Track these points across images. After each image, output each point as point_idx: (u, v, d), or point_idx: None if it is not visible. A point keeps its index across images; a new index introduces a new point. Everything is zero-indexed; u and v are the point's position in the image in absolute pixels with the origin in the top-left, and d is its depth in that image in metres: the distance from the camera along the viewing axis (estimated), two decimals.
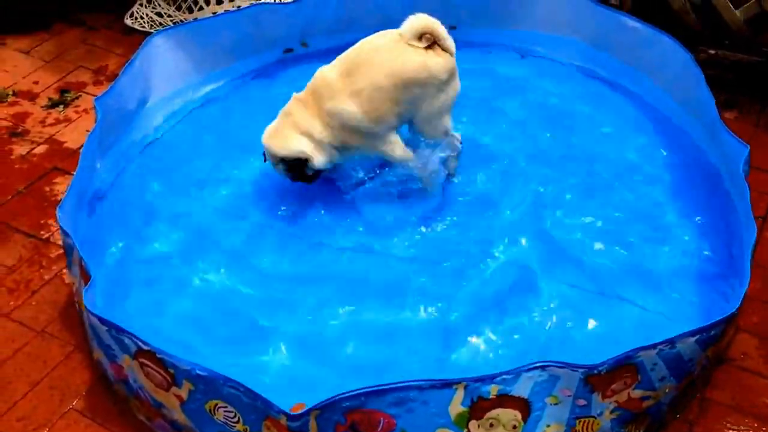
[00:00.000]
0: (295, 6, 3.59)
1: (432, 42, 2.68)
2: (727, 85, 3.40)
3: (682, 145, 3.08)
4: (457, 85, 2.77)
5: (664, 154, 3.07)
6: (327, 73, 2.74)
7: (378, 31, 3.37)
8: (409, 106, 2.71)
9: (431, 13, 3.60)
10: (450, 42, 2.71)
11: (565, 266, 2.64)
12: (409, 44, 2.68)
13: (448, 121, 2.82)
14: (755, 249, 2.45)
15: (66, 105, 3.56)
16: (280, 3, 3.76)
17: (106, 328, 2.15)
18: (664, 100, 3.24)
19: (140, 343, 2.07)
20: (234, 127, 3.28)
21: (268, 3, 3.88)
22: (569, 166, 3.02)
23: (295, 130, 2.71)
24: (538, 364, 2.04)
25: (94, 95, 3.44)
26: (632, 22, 3.33)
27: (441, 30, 2.68)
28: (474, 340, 2.43)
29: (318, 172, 2.78)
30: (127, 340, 2.11)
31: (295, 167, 2.74)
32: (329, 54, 3.58)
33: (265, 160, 2.81)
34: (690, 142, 3.07)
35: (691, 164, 3.00)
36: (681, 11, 3.64)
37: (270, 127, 2.78)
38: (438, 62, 2.68)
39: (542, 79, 3.46)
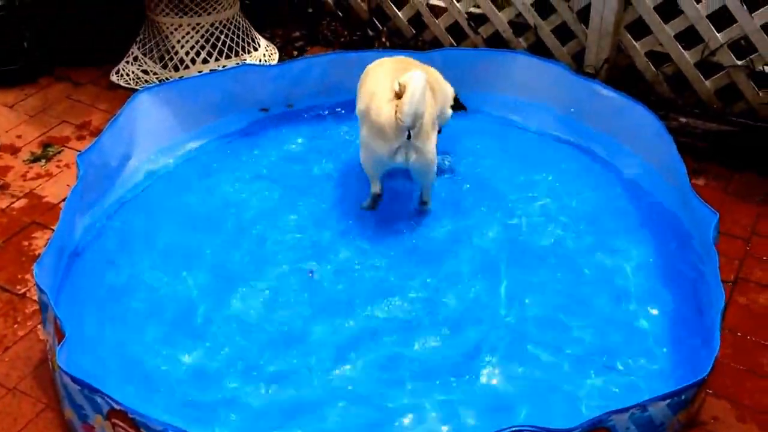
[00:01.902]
0: (280, 68, 3.68)
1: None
2: (698, 153, 3.49)
3: (655, 211, 3.13)
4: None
5: (637, 218, 3.12)
6: None
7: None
8: None
9: None
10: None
11: (538, 327, 2.67)
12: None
13: None
14: (725, 314, 2.50)
15: (48, 159, 3.58)
16: (266, 65, 3.85)
17: (79, 387, 2.13)
18: (638, 166, 3.30)
19: (112, 403, 2.06)
20: (217, 185, 3.32)
21: (253, 64, 3.97)
22: (540, 228, 3.07)
23: None
24: (511, 428, 2.04)
25: (76, 150, 3.47)
26: (607, 91, 3.42)
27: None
28: (447, 401, 2.43)
29: None
30: (99, 400, 2.09)
31: None
32: (310, 112, 3.71)
33: None
34: (663, 208, 3.12)
35: (663, 229, 3.04)
36: (653, 81, 3.77)
37: None
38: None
39: (514, 144, 3.54)
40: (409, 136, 2.78)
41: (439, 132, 3.11)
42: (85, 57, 4.24)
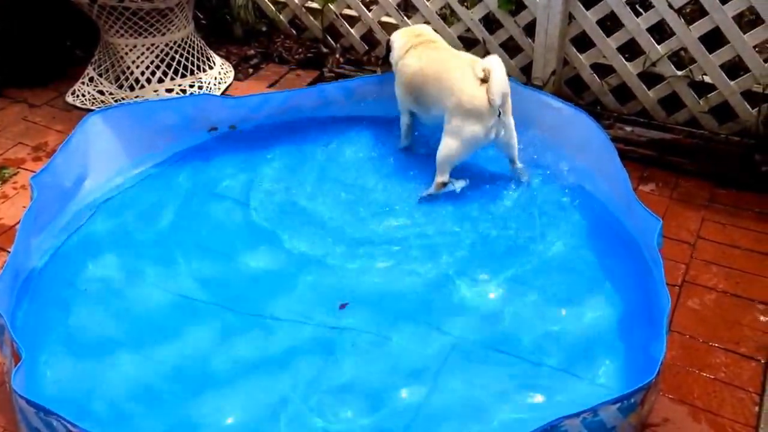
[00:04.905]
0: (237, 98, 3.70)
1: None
2: (644, 161, 3.59)
3: (603, 218, 3.20)
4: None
5: (584, 226, 3.19)
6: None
7: (320, 113, 3.60)
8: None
9: None
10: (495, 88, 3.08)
11: (486, 331, 2.71)
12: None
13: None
14: (671, 318, 2.56)
15: (4, 181, 3.56)
16: (224, 96, 3.85)
17: (34, 410, 2.13)
18: (586, 174, 3.38)
19: (68, 426, 2.06)
20: (170, 205, 3.33)
21: (209, 95, 3.98)
22: (491, 234, 3.14)
23: None
24: None
25: (33, 171, 3.46)
26: (555, 102, 3.50)
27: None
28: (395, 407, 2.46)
29: None
30: (55, 423, 2.09)
31: None
32: (258, 133, 3.72)
33: None
34: (610, 215, 3.20)
35: (611, 235, 3.11)
36: (599, 92, 3.88)
37: None
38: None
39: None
40: (499, 114, 3.14)
41: None
42: (38, 78, 4.22)
